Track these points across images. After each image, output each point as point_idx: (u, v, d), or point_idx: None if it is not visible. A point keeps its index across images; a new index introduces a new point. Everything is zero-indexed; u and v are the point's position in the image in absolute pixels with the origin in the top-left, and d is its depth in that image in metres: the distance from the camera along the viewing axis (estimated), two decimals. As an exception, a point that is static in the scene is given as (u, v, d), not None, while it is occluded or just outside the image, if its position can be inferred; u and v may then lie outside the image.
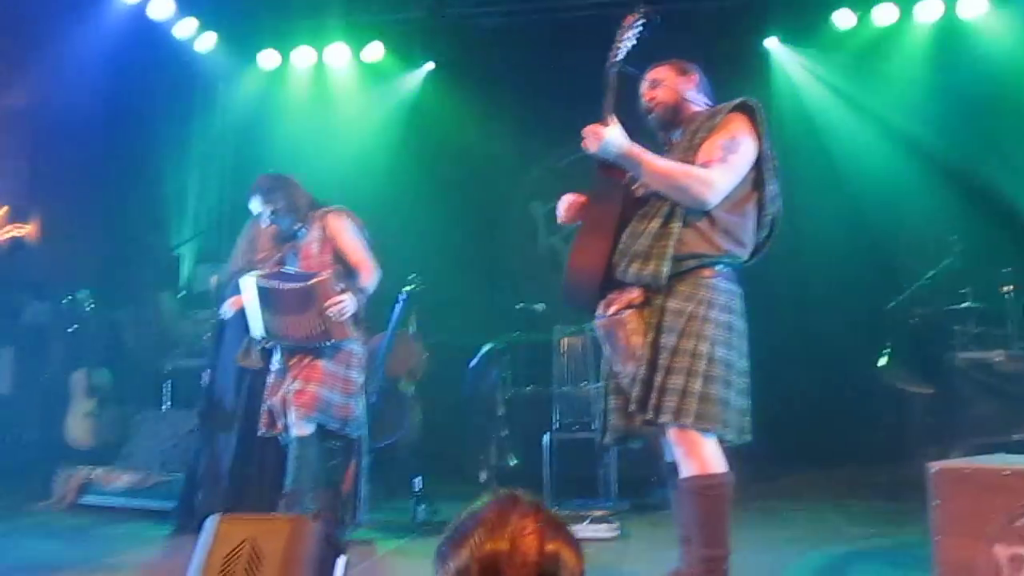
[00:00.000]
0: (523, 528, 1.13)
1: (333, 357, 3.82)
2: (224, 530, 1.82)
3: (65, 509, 4.81)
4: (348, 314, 3.74)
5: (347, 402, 3.83)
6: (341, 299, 3.72)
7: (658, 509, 4.71)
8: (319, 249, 3.97)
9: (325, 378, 3.77)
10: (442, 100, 7.09)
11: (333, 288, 3.74)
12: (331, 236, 3.98)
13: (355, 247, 3.97)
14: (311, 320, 3.73)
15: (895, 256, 6.29)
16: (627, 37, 2.83)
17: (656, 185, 2.71)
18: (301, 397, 3.74)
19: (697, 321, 2.63)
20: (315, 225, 4.01)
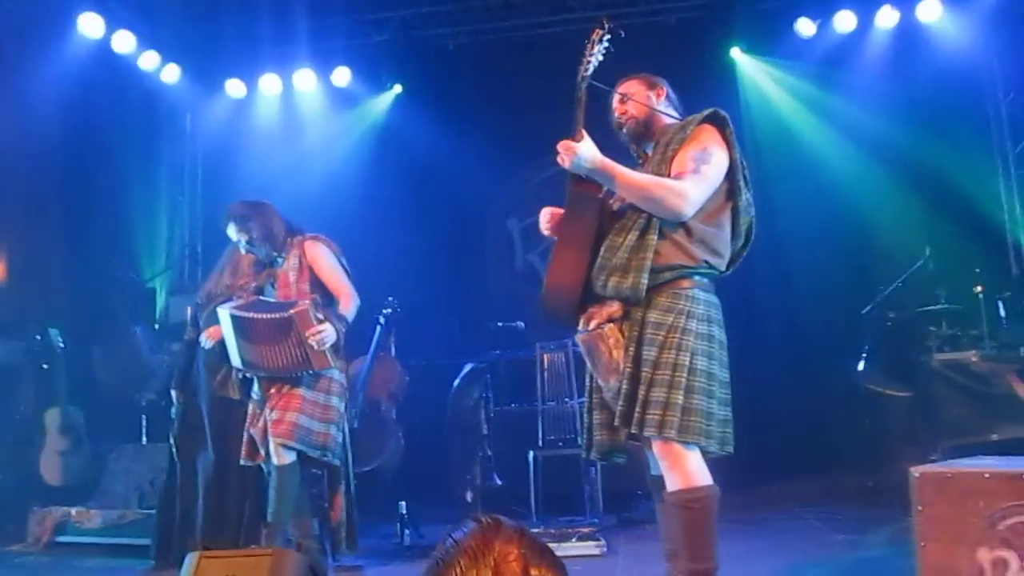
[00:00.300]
0: (506, 554, 1.11)
1: (312, 385, 3.77)
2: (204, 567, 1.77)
3: (41, 549, 4.72)
4: (328, 343, 3.69)
5: (326, 429, 3.78)
6: (321, 328, 3.66)
7: (644, 523, 4.70)
8: (296, 277, 3.92)
9: (304, 406, 3.72)
10: (412, 122, 7.09)
11: (313, 317, 3.68)
12: (309, 263, 3.94)
13: (333, 274, 3.93)
14: (290, 350, 3.67)
15: (869, 260, 6.37)
16: (595, 52, 2.83)
17: (630, 198, 2.71)
18: (279, 426, 3.68)
19: (677, 333, 2.62)
20: (292, 253, 3.97)
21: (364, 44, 7.21)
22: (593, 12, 6.62)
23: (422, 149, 6.92)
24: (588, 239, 2.77)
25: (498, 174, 7.20)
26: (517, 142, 6.88)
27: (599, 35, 2.83)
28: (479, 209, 7.30)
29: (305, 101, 7.32)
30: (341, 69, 7.16)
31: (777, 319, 6.29)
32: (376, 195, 6.83)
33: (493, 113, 6.98)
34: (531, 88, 6.63)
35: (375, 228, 6.65)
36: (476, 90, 7.06)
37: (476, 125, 6.83)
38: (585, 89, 2.79)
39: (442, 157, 6.83)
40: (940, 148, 6.19)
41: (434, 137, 6.88)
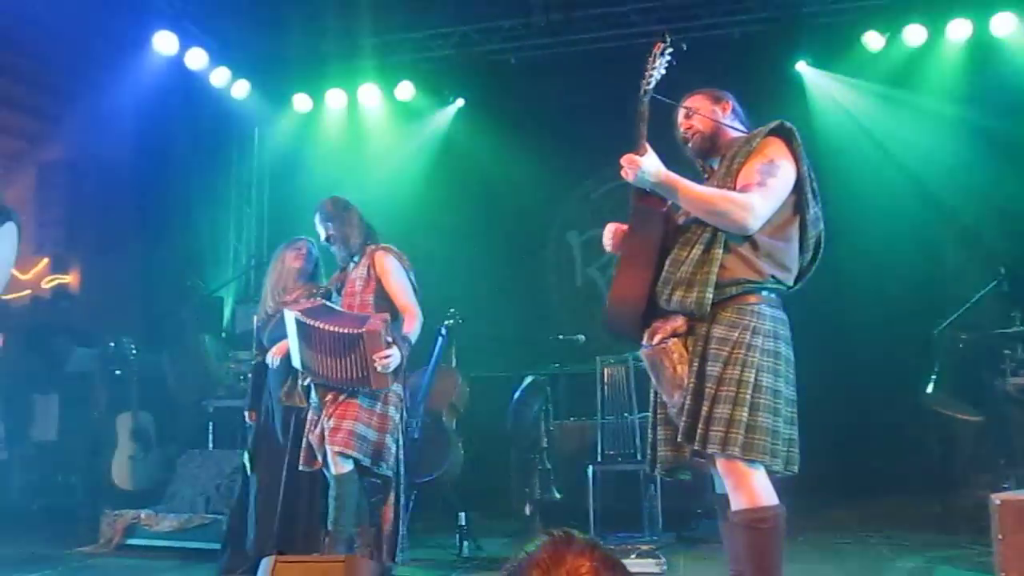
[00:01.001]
0: (578, 567, 1.12)
1: (369, 394, 3.75)
2: (280, 571, 1.81)
3: (112, 551, 4.85)
4: (392, 368, 3.65)
5: (381, 439, 3.75)
6: (389, 353, 3.61)
7: (704, 542, 4.64)
8: (363, 287, 3.91)
9: (360, 414, 3.70)
10: (473, 136, 7.15)
11: (383, 340, 3.62)
12: (378, 275, 3.92)
13: (401, 290, 3.90)
14: (351, 366, 3.63)
15: (936, 280, 6.19)
16: (656, 66, 2.83)
17: (695, 211, 2.69)
18: (336, 435, 3.67)
19: (742, 349, 2.58)
20: (363, 261, 3.97)
21: (427, 59, 7.30)
22: (655, 26, 6.61)
23: (483, 162, 6.98)
24: (652, 253, 2.76)
25: (559, 187, 7.22)
26: (577, 155, 6.91)
27: (660, 49, 2.83)
28: (540, 222, 7.31)
29: (369, 115, 7.45)
30: (404, 83, 7.27)
31: (841, 337, 6.15)
32: (438, 208, 6.91)
33: (554, 127, 7.00)
34: (591, 102, 6.65)
35: (437, 240, 6.72)
36: (537, 104, 7.09)
37: (537, 139, 6.86)
38: (647, 103, 2.79)
39: (503, 170, 6.87)
40: (1014, 165, 6.02)
41: (495, 150, 6.93)
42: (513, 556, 1.19)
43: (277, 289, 4.38)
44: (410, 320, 3.84)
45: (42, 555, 4.79)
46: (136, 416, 5.76)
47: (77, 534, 5.19)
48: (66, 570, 4.47)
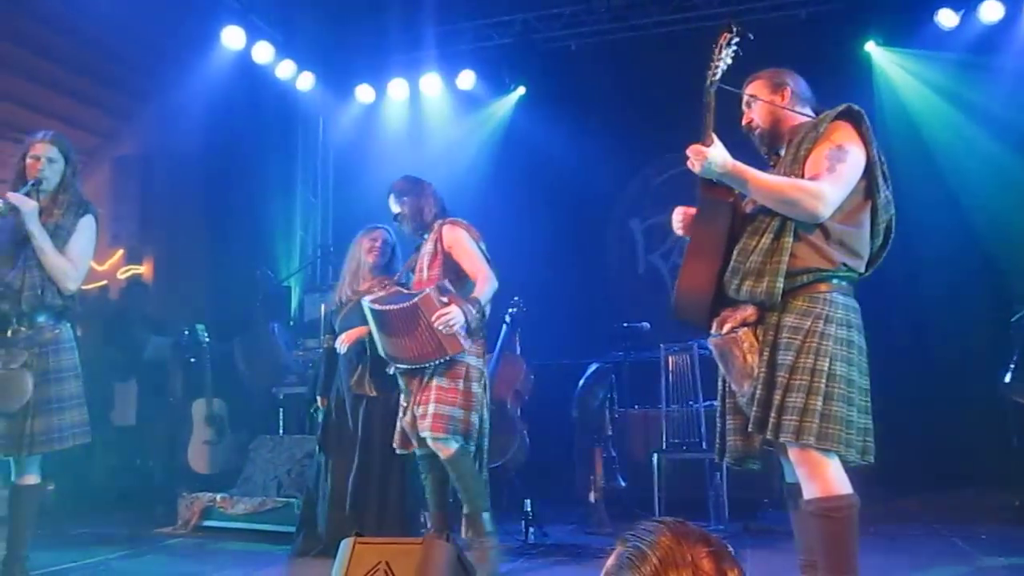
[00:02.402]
0: (698, 554, 1.13)
1: (446, 374, 3.74)
2: (359, 552, 1.86)
3: (189, 533, 5.01)
4: (457, 325, 3.61)
5: (467, 416, 3.73)
6: (447, 311, 3.59)
7: (772, 532, 4.60)
8: (429, 262, 3.92)
9: (444, 395, 3.71)
10: (534, 123, 7.16)
11: (437, 301, 3.63)
12: (445, 248, 3.90)
13: (469, 257, 3.87)
14: (422, 338, 3.65)
15: (1012, 265, 5.98)
16: (722, 56, 2.79)
17: (764, 201, 2.66)
18: (425, 421, 3.69)
19: (815, 337, 2.56)
20: (431, 236, 3.97)
21: (488, 47, 7.33)
22: (718, 8, 6.51)
23: (545, 150, 6.98)
24: (719, 243, 2.74)
25: (621, 174, 7.19)
26: (639, 142, 6.86)
27: (726, 39, 2.78)
28: (602, 209, 7.29)
29: (431, 104, 7.51)
30: (466, 72, 7.30)
31: (914, 324, 6.00)
32: (500, 196, 6.93)
33: (615, 113, 6.97)
34: (654, 88, 6.59)
35: (499, 229, 6.68)
36: (598, 90, 7.05)
37: (598, 125, 6.84)
38: (714, 93, 2.76)
39: (564, 158, 6.86)
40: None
41: (556, 138, 6.92)
42: (620, 542, 1.19)
43: (353, 278, 4.46)
44: (481, 282, 3.79)
45: (124, 535, 4.98)
46: (210, 402, 5.93)
47: (156, 516, 5.39)
48: (147, 550, 4.64)
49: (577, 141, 6.77)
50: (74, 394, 3.61)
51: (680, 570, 1.12)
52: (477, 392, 3.80)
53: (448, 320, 3.58)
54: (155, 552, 4.61)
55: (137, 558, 4.45)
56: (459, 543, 3.65)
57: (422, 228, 4.02)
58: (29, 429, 3.45)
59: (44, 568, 3.93)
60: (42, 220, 3.51)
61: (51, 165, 3.60)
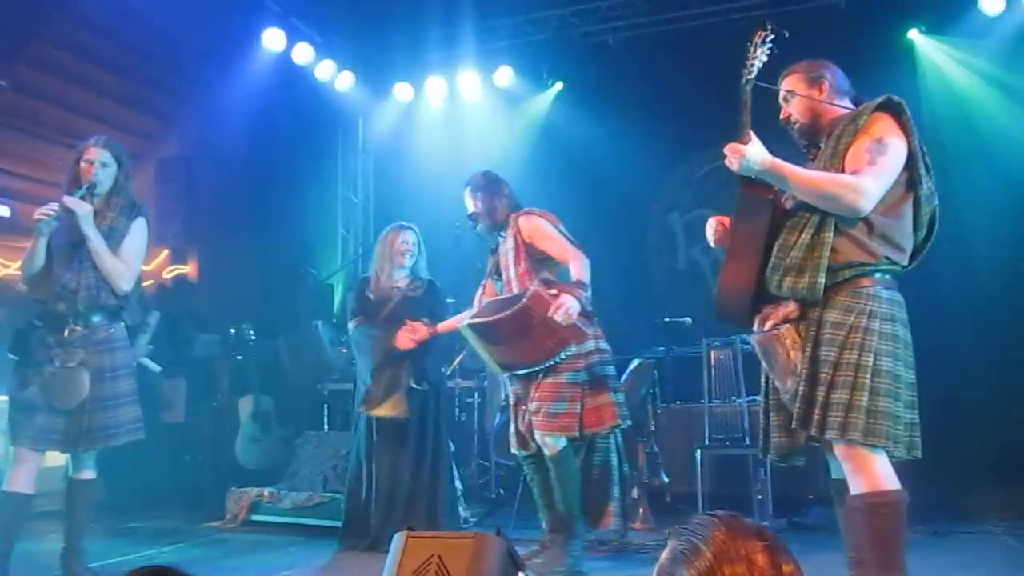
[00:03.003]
0: (753, 549, 1.13)
1: (560, 369, 3.68)
2: (412, 546, 1.90)
3: (238, 527, 5.12)
4: (574, 312, 3.51)
5: (577, 408, 3.68)
6: (560, 302, 3.50)
7: (816, 528, 4.57)
8: (514, 258, 3.86)
9: (553, 392, 3.68)
10: (573, 118, 7.15)
11: (546, 295, 3.55)
12: (525, 240, 3.85)
13: (554, 242, 3.80)
14: (541, 336, 3.58)
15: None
16: (757, 54, 2.77)
17: (804, 196, 2.65)
18: (536, 418, 3.68)
19: (859, 333, 2.54)
20: (509, 233, 3.93)
21: (525, 43, 7.34)
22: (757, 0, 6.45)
23: (583, 145, 6.97)
24: (760, 240, 2.73)
25: (660, 169, 7.15)
26: (679, 136, 6.82)
27: (761, 36, 2.77)
28: (641, 204, 7.27)
29: (469, 101, 7.54)
30: (503, 69, 7.32)
31: (966, 315, 5.88)
32: (538, 192, 6.85)
33: (654, 107, 6.92)
34: (692, 82, 6.54)
35: (539, 225, 6.76)
36: (636, 85, 7.02)
37: (637, 120, 6.80)
38: (750, 91, 2.75)
39: (603, 153, 6.85)
40: None
41: (595, 133, 6.91)
42: (672, 536, 1.20)
43: (383, 273, 4.51)
44: (575, 264, 3.71)
45: (174, 529, 5.12)
46: (257, 399, 6.04)
47: (205, 510, 5.50)
48: (198, 543, 4.75)
49: (616, 136, 6.75)
50: (128, 391, 3.71)
51: (735, 565, 1.11)
52: (583, 381, 3.73)
53: (564, 310, 3.49)
54: (206, 546, 4.72)
55: (188, 551, 4.57)
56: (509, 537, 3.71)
57: (495, 227, 3.97)
58: (85, 426, 3.56)
59: (100, 561, 4.04)
60: (96, 223, 3.62)
61: (104, 169, 3.70)
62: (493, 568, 1.84)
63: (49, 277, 3.61)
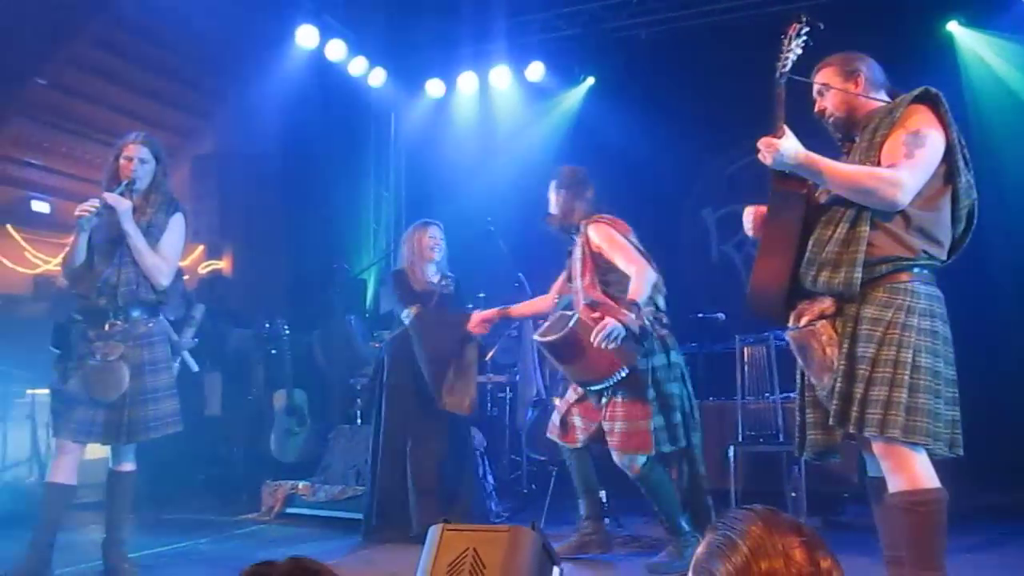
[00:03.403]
0: (790, 544, 1.11)
1: (627, 386, 3.65)
2: (448, 538, 1.91)
3: (273, 519, 5.18)
4: (617, 337, 3.46)
5: (646, 425, 3.66)
6: (602, 327, 3.45)
7: (852, 527, 4.53)
8: (580, 269, 3.82)
9: (627, 411, 3.67)
10: (604, 113, 7.13)
11: (590, 320, 3.51)
12: (594, 250, 3.80)
13: (620, 253, 3.73)
14: (594, 358, 3.54)
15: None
16: (791, 47, 2.75)
17: (839, 191, 2.62)
18: (612, 438, 3.68)
19: (897, 329, 2.51)
20: (579, 240, 3.88)
21: (557, 38, 7.33)
22: (791, -8, 6.37)
23: (615, 140, 6.94)
24: (793, 235, 2.71)
25: (692, 164, 7.11)
26: (711, 131, 6.77)
27: (796, 29, 2.75)
28: (673, 199, 7.22)
29: (500, 97, 7.55)
30: (535, 64, 7.32)
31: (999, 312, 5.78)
32: (569, 187, 6.91)
33: (686, 102, 6.88)
34: (725, 76, 6.48)
35: (569, 220, 6.75)
36: (669, 79, 6.98)
37: (669, 114, 6.77)
38: (784, 85, 2.72)
39: (635, 148, 6.82)
40: None
41: (627, 128, 6.88)
42: (710, 530, 1.18)
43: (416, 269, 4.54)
44: (636, 278, 3.62)
45: (211, 521, 5.18)
46: (291, 393, 6.10)
47: (241, 502, 5.58)
48: (234, 535, 4.82)
49: (648, 131, 6.71)
50: (167, 385, 3.77)
51: (771, 560, 1.10)
52: (652, 399, 3.69)
53: (606, 335, 3.45)
54: (242, 538, 4.78)
55: (225, 543, 4.63)
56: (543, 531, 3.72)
57: (567, 228, 3.92)
58: (125, 418, 3.62)
59: (139, 551, 4.12)
60: (135, 218, 3.67)
61: (143, 165, 3.75)
62: (528, 562, 1.84)
63: (90, 272, 3.68)
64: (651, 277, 3.69)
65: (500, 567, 1.82)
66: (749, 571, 1.10)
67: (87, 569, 3.82)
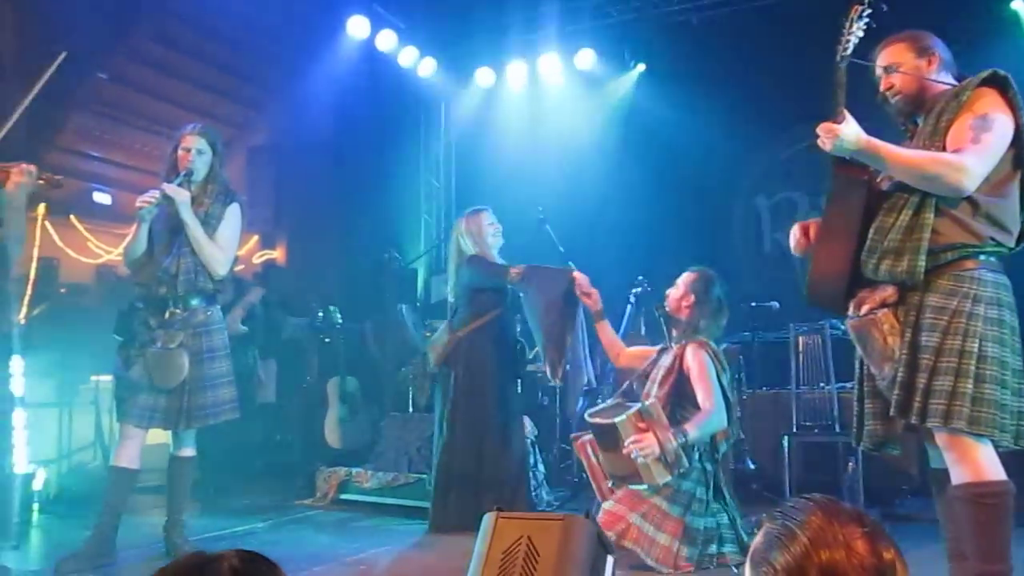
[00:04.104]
0: (852, 534, 1.09)
1: (662, 493, 3.53)
2: (501, 526, 1.91)
3: (327, 505, 5.24)
4: (650, 456, 3.39)
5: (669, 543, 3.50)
6: (639, 439, 3.40)
7: (911, 519, 4.44)
8: (663, 378, 3.75)
9: (655, 517, 3.53)
10: (655, 100, 7.05)
11: (634, 427, 3.44)
12: (684, 369, 3.72)
13: (704, 388, 3.64)
14: (626, 459, 3.47)
15: None
16: (853, 30, 2.67)
17: (903, 177, 2.55)
18: (632, 531, 3.50)
19: (963, 318, 2.45)
20: (675, 351, 3.80)
21: (607, 25, 7.25)
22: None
23: (666, 127, 6.87)
24: (854, 223, 2.65)
25: (745, 150, 7.00)
26: (764, 117, 6.65)
27: (858, 11, 2.67)
28: (726, 186, 7.13)
29: (550, 85, 7.51)
30: (585, 51, 7.26)
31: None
32: (621, 174, 6.88)
33: (739, 88, 6.76)
34: (778, 61, 6.36)
35: (621, 208, 6.72)
36: (721, 65, 6.86)
37: (721, 101, 6.66)
38: (844, 69, 2.65)
39: (687, 134, 6.74)
40: None
41: (678, 114, 6.80)
42: (767, 521, 1.16)
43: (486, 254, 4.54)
44: (700, 416, 3.58)
45: (267, 506, 5.28)
46: (344, 380, 6.18)
47: (295, 488, 5.67)
48: (290, 520, 4.90)
49: (700, 117, 6.63)
50: (224, 372, 3.85)
51: (832, 551, 1.07)
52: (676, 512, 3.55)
53: (639, 448, 3.40)
54: (298, 523, 4.86)
55: (281, 528, 4.71)
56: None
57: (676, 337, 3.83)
58: (185, 405, 3.71)
59: (200, 534, 4.21)
60: (193, 209, 3.74)
61: (200, 156, 3.82)
62: (582, 550, 1.84)
63: (150, 262, 3.77)
64: (714, 425, 3.61)
65: (555, 556, 1.82)
66: (809, 561, 1.08)
67: (150, 551, 3.92)
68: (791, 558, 1.09)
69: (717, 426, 3.63)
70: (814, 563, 1.07)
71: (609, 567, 1.90)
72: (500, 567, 1.85)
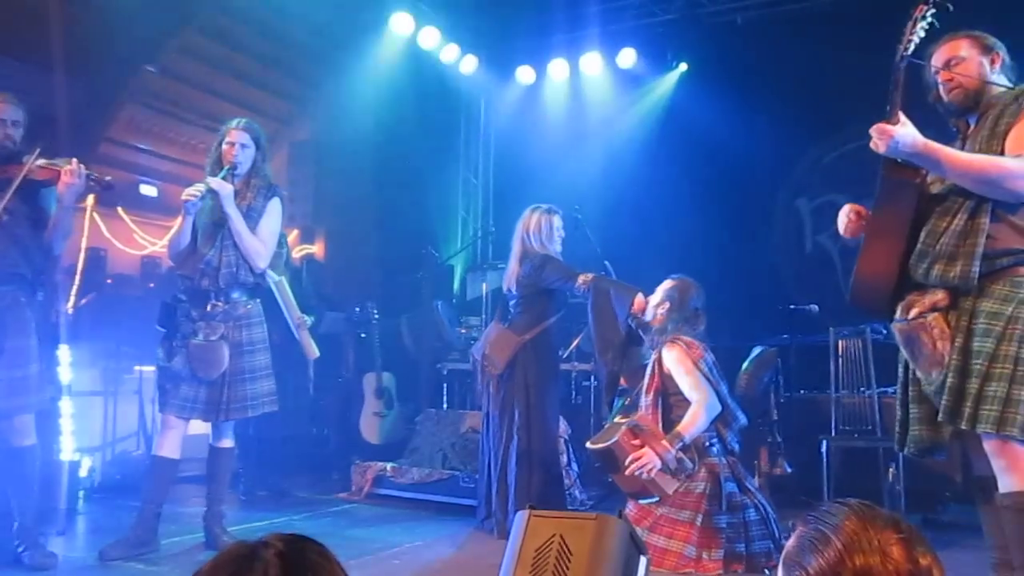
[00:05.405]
0: (888, 539, 1.07)
1: (671, 504, 3.55)
2: (534, 525, 1.91)
3: (362, 499, 5.29)
4: (652, 469, 3.40)
5: (680, 549, 3.51)
6: (638, 456, 3.40)
7: (952, 527, 4.36)
8: (647, 385, 3.77)
9: (668, 530, 3.55)
10: (697, 100, 6.98)
11: (628, 446, 3.44)
12: (664, 371, 3.74)
13: (686, 383, 3.65)
14: (629, 478, 3.48)
15: None
16: (916, 30, 2.63)
17: (961, 181, 2.51)
18: (667, 560, 3.49)
19: (1019, 324, 2.41)
20: (654, 356, 3.81)
21: (650, 24, 7.22)
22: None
23: (708, 128, 6.80)
24: (904, 226, 2.61)
25: (787, 152, 6.90)
26: (807, 119, 6.55)
27: (922, 11, 2.62)
28: (767, 188, 7.04)
29: (591, 84, 7.49)
30: (627, 50, 7.24)
31: None
32: (661, 175, 6.84)
33: (782, 89, 6.68)
34: (822, 62, 6.26)
35: (661, 208, 6.68)
36: (764, 66, 6.78)
37: (764, 102, 6.59)
38: (904, 69, 2.61)
39: (728, 136, 6.67)
40: None
41: (720, 115, 6.73)
42: (801, 525, 1.15)
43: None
44: (693, 407, 3.56)
45: (304, 499, 5.33)
46: (379, 376, 6.22)
47: (332, 481, 5.72)
48: (326, 514, 4.94)
49: (742, 119, 6.56)
50: (263, 365, 3.89)
51: (867, 556, 1.05)
52: (687, 519, 3.56)
53: (639, 466, 3.41)
54: (334, 515, 4.91)
55: (318, 519, 4.76)
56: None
57: (652, 344, 3.86)
58: (225, 397, 3.76)
59: (238, 525, 4.27)
60: (236, 202, 3.79)
61: (244, 151, 3.86)
62: (615, 550, 1.83)
63: (194, 255, 3.82)
64: (707, 416, 3.59)
65: (587, 555, 1.81)
66: (843, 566, 1.06)
67: (190, 540, 3.98)
68: (824, 563, 1.07)
69: (712, 412, 3.61)
70: (848, 568, 1.06)
71: (642, 568, 1.89)
72: (533, 565, 1.85)
